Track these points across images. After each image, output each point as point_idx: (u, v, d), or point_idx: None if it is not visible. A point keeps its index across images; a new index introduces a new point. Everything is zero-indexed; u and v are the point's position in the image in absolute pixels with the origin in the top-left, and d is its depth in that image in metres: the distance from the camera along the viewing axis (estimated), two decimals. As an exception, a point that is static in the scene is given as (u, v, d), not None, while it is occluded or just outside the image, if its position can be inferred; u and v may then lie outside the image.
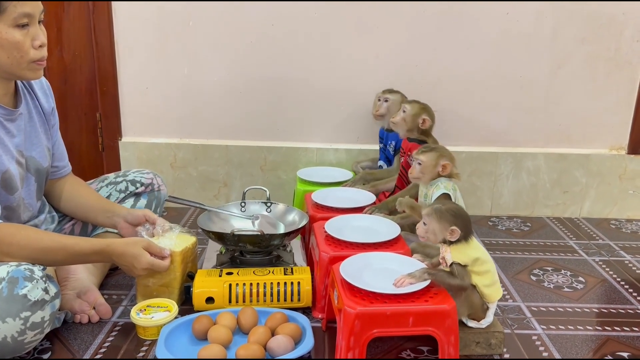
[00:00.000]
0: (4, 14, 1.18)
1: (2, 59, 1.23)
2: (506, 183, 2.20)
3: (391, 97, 1.96)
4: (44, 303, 1.17)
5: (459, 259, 1.19)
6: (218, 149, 2.17)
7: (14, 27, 1.20)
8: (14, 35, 1.21)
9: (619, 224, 2.16)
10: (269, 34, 2.07)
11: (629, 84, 2.13)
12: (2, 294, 1.12)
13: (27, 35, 1.23)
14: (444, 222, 1.20)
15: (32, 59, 1.25)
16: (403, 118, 1.76)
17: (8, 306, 1.12)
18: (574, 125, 2.18)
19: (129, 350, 1.26)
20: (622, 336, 1.37)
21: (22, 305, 1.13)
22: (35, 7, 1.23)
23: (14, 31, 1.21)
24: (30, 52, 1.24)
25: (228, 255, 1.55)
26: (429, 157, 1.52)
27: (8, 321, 1.11)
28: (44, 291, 1.17)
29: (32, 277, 1.17)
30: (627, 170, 2.19)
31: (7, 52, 1.22)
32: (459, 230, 1.19)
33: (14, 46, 1.21)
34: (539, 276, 1.69)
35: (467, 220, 1.22)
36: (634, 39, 2.08)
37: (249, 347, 1.18)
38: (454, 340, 1.13)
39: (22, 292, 1.14)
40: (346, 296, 1.13)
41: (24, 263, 1.20)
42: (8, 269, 1.16)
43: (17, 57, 1.23)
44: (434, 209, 1.23)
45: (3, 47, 1.21)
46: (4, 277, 1.15)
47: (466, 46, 2.08)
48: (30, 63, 1.25)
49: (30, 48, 1.24)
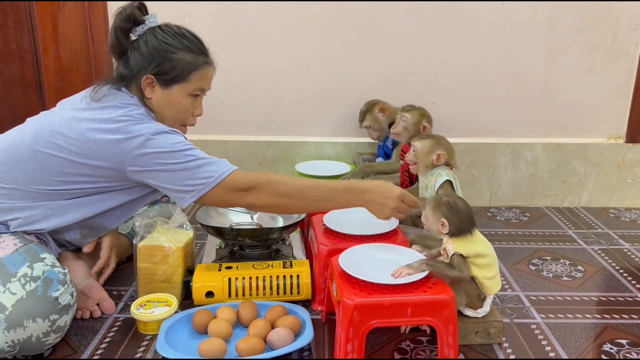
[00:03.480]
0: (187, 83, 1.33)
1: (167, 115, 1.36)
2: (505, 174, 2.20)
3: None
4: (69, 308, 1.21)
5: (461, 251, 1.19)
6: (216, 144, 2.18)
7: (188, 95, 1.35)
8: (186, 102, 1.36)
9: (617, 213, 2.17)
10: (266, 28, 2.07)
11: (626, 73, 2.13)
12: (37, 293, 1.16)
13: (193, 104, 1.38)
14: (437, 212, 1.21)
15: (187, 123, 1.41)
16: (404, 127, 1.77)
17: (40, 306, 1.15)
18: (571, 115, 2.18)
19: (130, 345, 1.27)
20: (621, 324, 1.38)
21: (53, 307, 1.17)
22: (209, 85, 1.40)
23: (188, 98, 1.36)
24: (189, 119, 1.40)
25: (227, 249, 1.56)
26: (423, 144, 1.54)
27: (38, 321, 1.14)
28: (70, 295, 1.22)
29: (65, 280, 1.21)
30: (626, 159, 2.19)
31: (174, 112, 1.36)
32: (448, 224, 1.19)
33: (181, 110, 1.37)
34: (538, 266, 1.69)
35: (465, 215, 1.21)
36: (630, 28, 2.07)
37: (249, 340, 1.18)
38: (453, 330, 1.13)
39: (55, 295, 1.17)
40: (345, 288, 1.13)
41: (58, 265, 1.24)
42: (44, 268, 1.20)
43: (178, 119, 1.38)
44: (434, 197, 1.25)
45: (173, 108, 1.35)
46: (39, 276, 1.18)
47: (463, 38, 2.08)
48: (181, 125, 1.40)
49: (191, 115, 1.40)
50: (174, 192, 1.26)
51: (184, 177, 1.24)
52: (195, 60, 1.33)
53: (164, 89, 1.32)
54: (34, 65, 2.11)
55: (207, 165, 1.25)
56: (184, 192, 1.25)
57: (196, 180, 1.24)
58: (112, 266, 1.49)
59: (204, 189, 1.24)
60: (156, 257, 1.42)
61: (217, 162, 1.27)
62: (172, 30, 1.33)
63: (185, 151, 1.25)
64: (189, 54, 1.32)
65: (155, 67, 1.30)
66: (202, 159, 1.25)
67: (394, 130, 1.80)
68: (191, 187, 1.24)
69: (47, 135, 1.26)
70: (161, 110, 1.34)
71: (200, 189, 1.24)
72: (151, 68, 1.30)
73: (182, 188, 1.25)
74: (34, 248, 1.25)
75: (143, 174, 1.26)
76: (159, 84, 1.32)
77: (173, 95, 1.33)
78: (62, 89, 2.15)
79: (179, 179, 1.24)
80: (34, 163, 1.27)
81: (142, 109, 1.31)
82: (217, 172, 1.25)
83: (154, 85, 1.32)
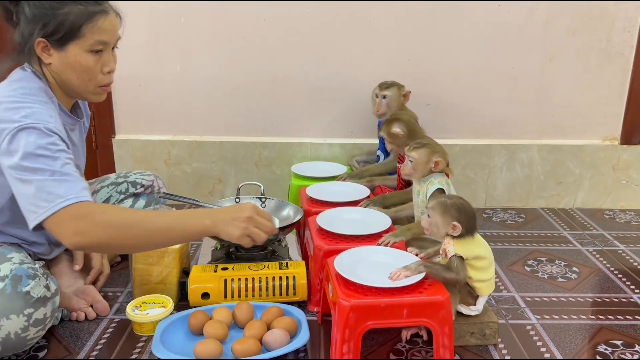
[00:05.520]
0: (81, 39, 1.20)
1: (71, 79, 1.25)
2: (500, 175, 2.21)
3: (388, 92, 1.92)
4: (46, 300, 1.19)
5: (461, 253, 1.19)
6: (212, 145, 2.17)
7: (88, 52, 1.22)
8: (87, 60, 1.23)
9: (612, 214, 2.17)
10: (262, 29, 2.07)
11: (621, 75, 2.14)
12: (5, 292, 1.14)
13: (99, 61, 1.25)
14: (447, 216, 1.21)
15: (99, 83, 1.28)
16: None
17: (11, 303, 1.13)
18: (567, 116, 2.19)
19: (125, 346, 1.27)
20: (616, 324, 1.38)
21: (26, 302, 1.15)
22: (112, 36, 1.26)
23: (88, 56, 1.23)
24: (98, 77, 1.27)
25: (223, 250, 1.55)
26: (420, 153, 1.48)
27: (12, 318, 1.13)
28: (45, 288, 1.19)
29: (35, 274, 1.19)
30: (620, 160, 2.20)
31: (77, 74, 1.24)
32: (460, 226, 1.19)
33: (84, 70, 1.24)
34: (533, 267, 1.70)
35: (472, 215, 1.22)
36: (625, 30, 2.08)
37: (244, 341, 1.18)
38: (448, 330, 1.13)
39: (25, 290, 1.15)
40: (340, 289, 1.13)
41: (28, 261, 1.21)
42: (11, 267, 1.18)
43: (86, 80, 1.26)
44: (439, 202, 1.24)
45: (74, 69, 1.23)
46: (7, 275, 1.16)
47: (459, 39, 2.09)
48: (96, 87, 1.28)
49: (99, 73, 1.26)
50: (23, 210, 1.11)
51: (29, 193, 1.08)
52: (85, 10, 1.18)
53: (60, 50, 1.21)
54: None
55: (56, 184, 1.09)
56: (28, 212, 1.10)
57: (38, 202, 1.08)
58: (106, 273, 1.48)
59: (44, 213, 1.07)
60: (152, 258, 1.42)
61: (68, 184, 1.10)
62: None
63: (44, 158, 1.09)
64: (76, 6, 1.18)
65: (42, 28, 1.17)
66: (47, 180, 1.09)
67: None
68: (34, 207, 1.08)
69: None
70: (64, 75, 1.24)
71: (41, 212, 1.08)
72: (38, 30, 1.17)
73: (26, 206, 1.10)
74: (2, 251, 1.23)
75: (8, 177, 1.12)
76: (53, 46, 1.20)
77: (70, 55, 1.21)
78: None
79: (26, 195, 1.09)
80: None
81: (35, 82, 1.21)
82: (60, 196, 1.08)
83: (49, 49, 1.21)
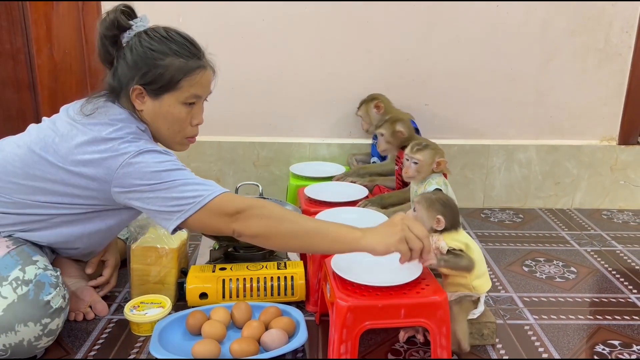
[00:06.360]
0: (177, 91, 1.23)
1: (161, 128, 1.27)
2: (498, 175, 2.21)
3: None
4: (61, 311, 1.20)
5: (453, 245, 1.20)
6: (210, 145, 2.17)
7: (182, 104, 1.25)
8: (180, 112, 1.26)
9: (610, 215, 2.18)
10: (260, 29, 2.07)
11: (619, 75, 2.14)
12: (28, 297, 1.14)
13: (190, 113, 1.28)
14: (432, 210, 1.22)
15: (186, 135, 1.31)
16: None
17: (32, 311, 1.14)
18: (564, 117, 2.19)
19: (123, 347, 1.27)
20: (614, 325, 1.38)
21: (45, 311, 1.16)
22: (206, 91, 1.30)
23: (181, 107, 1.26)
24: (187, 129, 1.29)
25: (221, 251, 1.55)
26: (425, 155, 1.49)
27: (29, 325, 1.13)
28: (62, 298, 1.20)
29: (57, 283, 1.20)
30: (618, 161, 2.20)
31: (168, 124, 1.27)
32: (444, 220, 1.21)
33: (176, 121, 1.27)
34: (531, 267, 1.70)
35: (455, 211, 1.24)
36: (623, 30, 2.09)
37: (243, 341, 1.18)
38: (446, 331, 1.13)
39: (47, 298, 1.16)
40: (338, 289, 1.13)
41: (50, 268, 1.22)
42: (36, 272, 1.18)
43: (175, 130, 1.28)
44: (424, 197, 1.26)
45: (166, 119, 1.26)
46: (31, 280, 1.16)
47: (457, 39, 2.09)
48: (183, 138, 1.31)
49: (189, 125, 1.29)
50: (158, 214, 1.16)
51: (169, 197, 1.14)
52: (185, 65, 1.23)
53: (154, 99, 1.24)
54: (28, 66, 2.10)
55: (194, 185, 1.15)
56: (169, 213, 1.14)
57: (182, 200, 1.13)
58: (112, 284, 1.48)
59: (191, 209, 1.13)
60: (150, 258, 1.42)
61: (206, 183, 1.17)
62: (159, 34, 1.23)
63: (172, 171, 1.16)
64: (178, 59, 1.22)
65: (142, 77, 1.21)
66: (188, 180, 1.16)
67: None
68: (177, 207, 1.14)
69: (40, 149, 1.21)
70: (155, 123, 1.26)
71: (187, 208, 1.13)
72: (138, 78, 1.21)
73: (166, 209, 1.14)
74: (27, 250, 1.23)
75: (128, 195, 1.17)
76: (148, 94, 1.23)
77: (164, 105, 1.24)
78: (55, 90, 2.14)
79: (163, 200, 1.14)
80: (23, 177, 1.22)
81: (134, 125, 1.23)
82: (205, 191, 1.14)
83: (144, 97, 1.24)
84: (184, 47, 1.24)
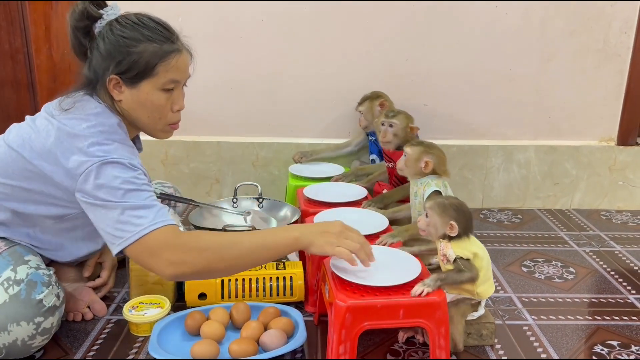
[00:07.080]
0: (154, 77, 1.19)
1: (142, 117, 1.24)
2: (497, 176, 2.21)
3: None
4: (55, 309, 1.19)
5: (461, 254, 1.19)
6: (210, 145, 2.17)
7: (160, 90, 1.21)
8: (159, 98, 1.22)
9: (609, 215, 2.18)
10: (259, 29, 2.07)
11: (618, 76, 2.14)
12: (20, 297, 1.14)
13: (169, 99, 1.24)
14: (445, 216, 1.21)
15: (168, 121, 1.27)
16: (394, 134, 1.70)
17: (24, 310, 1.14)
18: (563, 117, 2.19)
19: (122, 347, 1.27)
20: (612, 325, 1.39)
21: (38, 310, 1.15)
22: (184, 75, 1.25)
23: (159, 94, 1.22)
24: (168, 115, 1.26)
25: (220, 251, 1.55)
26: (414, 150, 1.49)
27: (22, 325, 1.13)
28: (56, 297, 1.20)
29: (50, 282, 1.19)
30: (617, 161, 2.20)
31: (148, 112, 1.23)
32: (458, 226, 1.20)
33: (155, 108, 1.23)
34: (530, 267, 1.70)
35: (469, 216, 1.23)
36: (622, 31, 2.09)
37: (241, 342, 1.18)
38: (445, 331, 1.13)
39: (39, 297, 1.16)
40: (337, 290, 1.13)
41: (43, 267, 1.22)
42: (28, 271, 1.18)
43: (156, 118, 1.25)
44: (437, 202, 1.23)
45: (145, 107, 1.22)
46: (22, 279, 1.16)
47: (456, 40, 2.09)
48: (165, 125, 1.27)
49: (170, 111, 1.25)
50: (105, 233, 1.10)
51: (117, 219, 1.08)
52: (160, 50, 1.18)
53: (132, 88, 1.20)
54: (27, 66, 2.10)
55: (142, 210, 1.09)
56: (112, 236, 1.09)
57: (127, 226, 1.07)
58: (110, 285, 1.48)
59: (131, 238, 1.06)
60: (149, 258, 1.41)
61: (156, 211, 1.10)
62: (131, 21, 1.18)
63: (130, 192, 1.09)
64: (151, 45, 1.17)
65: (117, 66, 1.17)
66: (141, 204, 1.09)
67: (383, 139, 1.70)
68: (120, 232, 1.08)
69: (17, 146, 1.19)
70: (134, 112, 1.23)
71: (127, 236, 1.07)
72: (113, 67, 1.17)
73: (112, 232, 1.08)
74: (19, 251, 1.23)
75: (85, 205, 1.12)
76: (125, 83, 1.19)
77: (142, 93, 1.20)
78: (54, 90, 2.14)
79: (112, 221, 1.08)
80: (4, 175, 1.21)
81: (109, 120, 1.19)
82: (148, 221, 1.07)
83: (121, 86, 1.20)
84: (156, 32, 1.19)
